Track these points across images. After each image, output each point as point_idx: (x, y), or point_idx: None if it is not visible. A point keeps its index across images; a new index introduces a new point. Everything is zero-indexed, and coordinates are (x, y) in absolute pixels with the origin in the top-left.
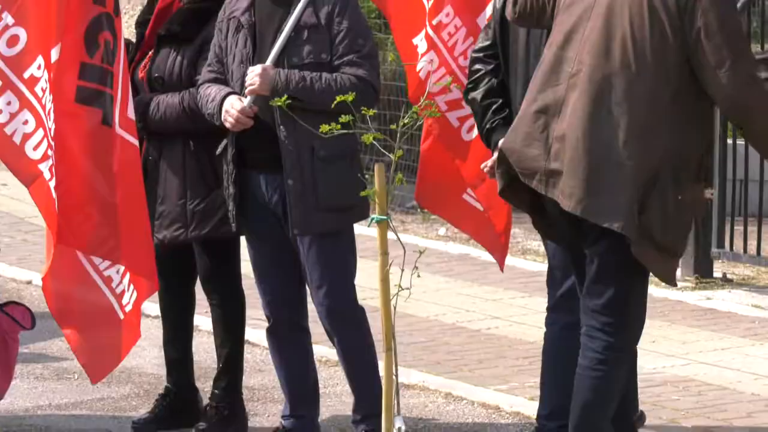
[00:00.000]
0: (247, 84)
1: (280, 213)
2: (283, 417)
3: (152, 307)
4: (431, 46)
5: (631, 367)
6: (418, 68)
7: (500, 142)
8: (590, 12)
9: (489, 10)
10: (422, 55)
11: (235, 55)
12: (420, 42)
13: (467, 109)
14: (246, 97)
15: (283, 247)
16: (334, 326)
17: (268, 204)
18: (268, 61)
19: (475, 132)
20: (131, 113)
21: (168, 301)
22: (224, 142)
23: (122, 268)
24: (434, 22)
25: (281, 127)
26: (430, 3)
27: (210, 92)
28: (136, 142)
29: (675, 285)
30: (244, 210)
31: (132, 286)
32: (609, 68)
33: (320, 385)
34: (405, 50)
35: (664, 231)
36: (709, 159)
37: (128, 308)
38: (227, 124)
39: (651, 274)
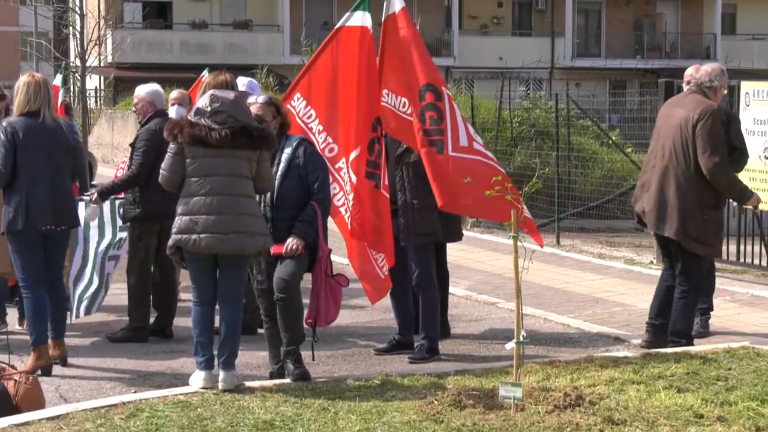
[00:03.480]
0: None
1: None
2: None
3: None
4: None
5: (694, 299)
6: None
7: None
8: (658, 140)
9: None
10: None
11: None
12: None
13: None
14: None
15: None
16: (418, 285)
17: (394, 228)
18: None
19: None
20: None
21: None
22: None
23: (383, 255)
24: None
25: (408, 192)
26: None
27: None
28: (387, 194)
29: (717, 256)
30: None
31: (386, 264)
32: (665, 163)
33: (482, 314)
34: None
35: (699, 234)
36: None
37: (384, 271)
38: None
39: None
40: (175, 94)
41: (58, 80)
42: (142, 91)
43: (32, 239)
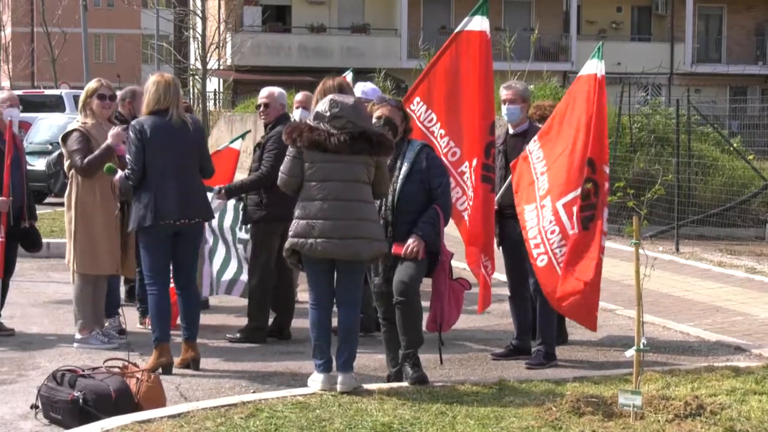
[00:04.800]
0: None
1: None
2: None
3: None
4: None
5: None
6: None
7: None
8: None
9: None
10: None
11: None
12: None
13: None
14: None
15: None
16: (536, 290)
17: (514, 233)
18: None
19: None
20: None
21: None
22: None
23: (490, 263)
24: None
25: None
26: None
27: None
28: (493, 196)
29: None
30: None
31: (493, 270)
32: None
33: (600, 320)
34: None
35: None
36: None
37: (491, 280)
38: None
39: None
40: (299, 96)
41: (237, 144)
42: (275, 90)
43: (161, 235)
